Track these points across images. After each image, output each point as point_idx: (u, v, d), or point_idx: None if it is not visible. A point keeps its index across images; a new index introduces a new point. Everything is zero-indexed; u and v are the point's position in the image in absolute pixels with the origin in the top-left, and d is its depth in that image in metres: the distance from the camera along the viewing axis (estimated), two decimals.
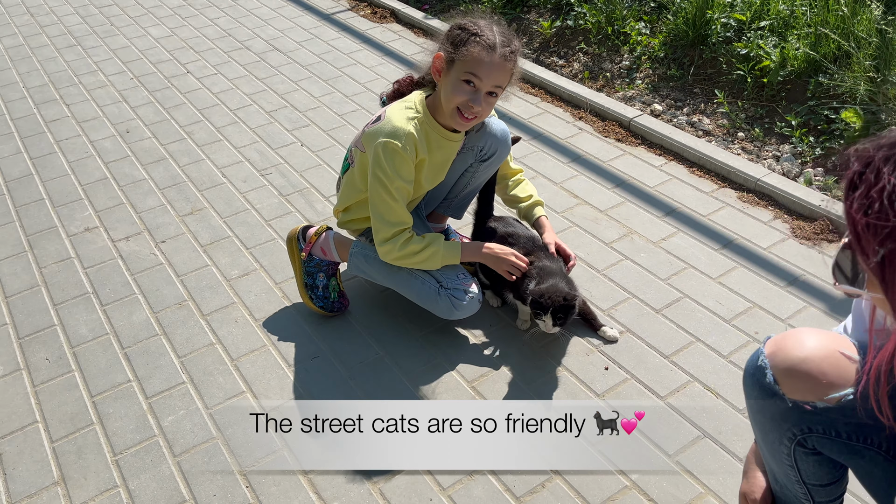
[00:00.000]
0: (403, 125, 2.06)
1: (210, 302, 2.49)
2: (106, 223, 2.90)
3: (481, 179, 2.39)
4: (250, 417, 2.08)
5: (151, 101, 3.78)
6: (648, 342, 2.23)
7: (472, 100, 2.03)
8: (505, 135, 2.30)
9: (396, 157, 2.05)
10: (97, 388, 2.20)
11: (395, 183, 2.07)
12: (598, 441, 1.94)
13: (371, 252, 2.30)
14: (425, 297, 2.22)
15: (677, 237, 2.64)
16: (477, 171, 2.34)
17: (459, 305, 2.19)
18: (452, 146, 2.21)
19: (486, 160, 2.30)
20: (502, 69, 2.03)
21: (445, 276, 2.21)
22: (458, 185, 2.40)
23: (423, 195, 2.36)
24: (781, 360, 1.24)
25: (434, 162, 2.20)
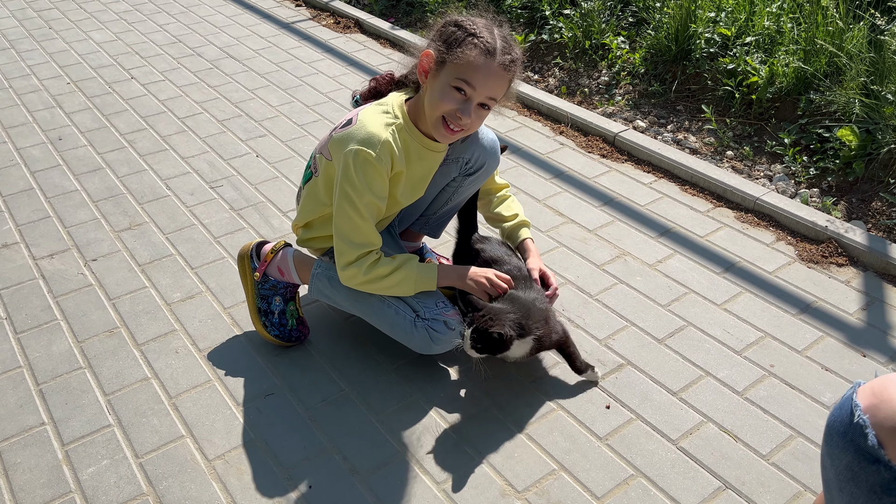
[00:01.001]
0: (379, 132, 1.77)
1: (146, 329, 2.14)
2: (28, 238, 2.52)
3: (465, 195, 2.11)
4: (189, 468, 1.73)
5: (89, 106, 3.42)
6: (652, 376, 1.97)
7: (462, 110, 1.74)
8: (494, 146, 2.03)
9: (368, 169, 1.75)
10: (4, 432, 1.82)
11: (365, 198, 1.77)
12: (606, 496, 1.66)
13: (336, 274, 1.99)
14: (399, 328, 1.91)
15: (674, 259, 2.40)
16: (461, 186, 2.05)
17: (438, 339, 1.89)
18: (435, 158, 1.92)
19: (472, 174, 2.03)
20: (499, 79, 1.74)
21: (422, 304, 1.91)
22: (438, 200, 2.11)
23: (397, 212, 2.07)
24: (888, 417, 0.96)
25: (413, 175, 1.91)
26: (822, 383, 1.94)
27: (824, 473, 1.11)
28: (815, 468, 1.71)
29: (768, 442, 1.78)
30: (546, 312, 1.87)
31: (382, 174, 1.78)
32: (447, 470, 1.73)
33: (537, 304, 1.86)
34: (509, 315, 1.77)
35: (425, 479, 1.71)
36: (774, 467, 1.72)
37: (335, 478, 1.71)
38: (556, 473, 1.71)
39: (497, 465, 1.74)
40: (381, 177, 1.78)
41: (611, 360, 2.02)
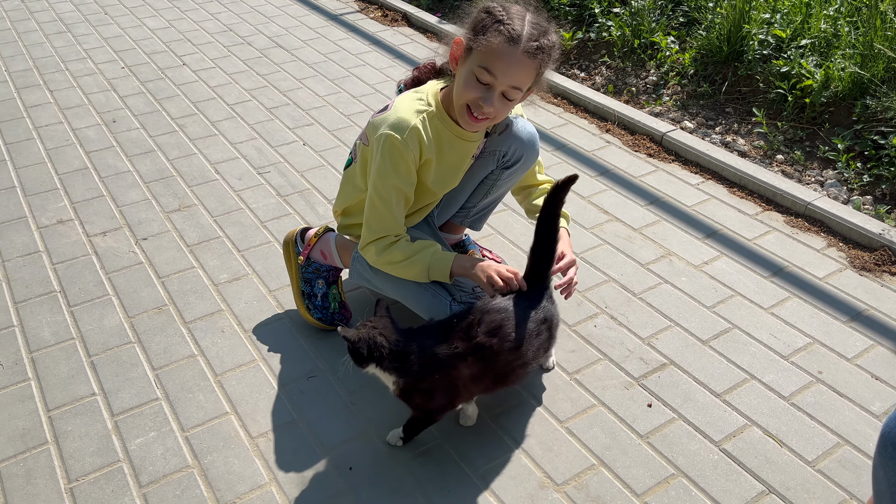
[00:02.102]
0: (409, 118, 1.77)
1: (194, 308, 2.18)
2: (82, 216, 2.59)
3: (504, 188, 2.10)
4: (233, 444, 1.76)
5: (142, 91, 3.49)
6: (696, 377, 1.95)
7: (484, 99, 1.71)
8: (532, 139, 2.00)
9: (394, 153, 1.76)
10: (55, 400, 1.88)
11: (389, 181, 1.78)
12: (646, 494, 1.65)
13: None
14: (435, 311, 1.92)
15: (721, 261, 2.37)
16: (499, 178, 2.05)
17: None
18: (467, 147, 1.92)
19: (510, 167, 2.02)
20: (523, 67, 1.68)
21: (459, 288, 1.92)
22: (478, 193, 2.11)
23: (435, 201, 2.07)
24: None
25: (445, 164, 1.91)
26: (872, 392, 1.90)
27: (876, 485, 1.09)
28: (861, 477, 1.68)
29: (814, 448, 1.75)
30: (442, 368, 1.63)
31: (408, 159, 1.78)
32: (485, 459, 1.73)
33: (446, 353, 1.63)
34: (383, 339, 1.60)
35: (464, 466, 1.71)
36: (820, 474, 1.69)
37: (375, 461, 1.72)
38: (596, 468, 1.71)
39: (536, 457, 1.73)
40: (407, 162, 1.79)
41: (653, 359, 2.00)
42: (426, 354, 1.62)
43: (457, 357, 1.62)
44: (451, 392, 1.67)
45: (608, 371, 1.97)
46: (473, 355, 1.62)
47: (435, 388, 1.65)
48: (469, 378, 1.65)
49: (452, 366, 1.62)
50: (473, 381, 1.66)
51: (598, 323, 2.13)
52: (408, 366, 1.61)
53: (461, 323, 1.66)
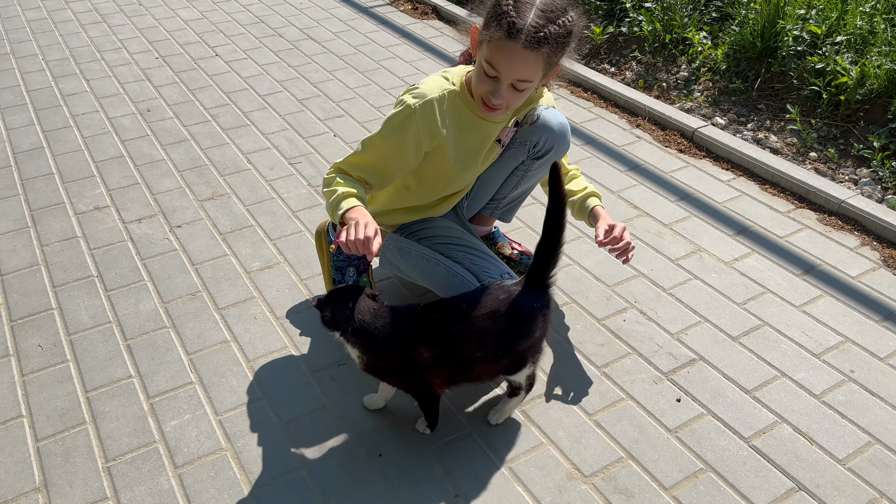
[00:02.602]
0: (429, 91, 1.78)
1: (227, 295, 2.22)
2: (118, 203, 2.64)
3: (534, 180, 2.11)
4: (265, 428, 1.80)
5: (176, 81, 3.54)
6: (725, 373, 1.94)
7: (492, 92, 1.71)
8: (563, 129, 1.99)
9: (398, 119, 1.76)
10: (93, 382, 1.92)
11: (377, 138, 1.77)
12: (674, 488, 1.65)
13: (405, 245, 2.02)
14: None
15: (752, 258, 2.35)
16: (529, 169, 2.05)
17: None
18: (490, 128, 1.90)
19: (541, 157, 2.02)
20: (526, 61, 1.63)
21: (486, 272, 1.93)
22: (508, 184, 2.12)
23: (461, 190, 2.08)
24: None
25: (466, 144, 1.90)
26: None
27: None
28: (892, 476, 1.67)
29: (845, 447, 1.74)
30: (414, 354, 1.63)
31: (409, 132, 1.76)
32: (513, 450, 1.74)
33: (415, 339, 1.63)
34: (369, 316, 1.62)
35: (492, 455, 1.73)
36: (850, 472, 1.68)
37: (404, 449, 1.75)
38: (624, 461, 1.71)
39: (564, 448, 1.75)
40: (405, 133, 1.76)
41: (683, 355, 2.00)
42: (387, 334, 1.63)
43: (413, 340, 1.63)
44: (415, 375, 1.67)
45: (637, 365, 1.97)
46: (431, 342, 1.62)
47: (397, 370, 1.67)
48: (432, 363, 1.64)
49: (411, 348, 1.63)
50: (437, 367, 1.65)
51: (628, 317, 2.13)
52: (370, 343, 1.63)
53: (438, 309, 1.66)
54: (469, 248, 2.00)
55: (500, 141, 1.99)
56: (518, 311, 1.63)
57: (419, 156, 1.85)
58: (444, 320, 1.64)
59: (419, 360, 1.64)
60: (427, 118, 1.78)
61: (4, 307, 2.16)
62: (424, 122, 1.78)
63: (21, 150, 2.95)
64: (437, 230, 2.06)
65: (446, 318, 1.64)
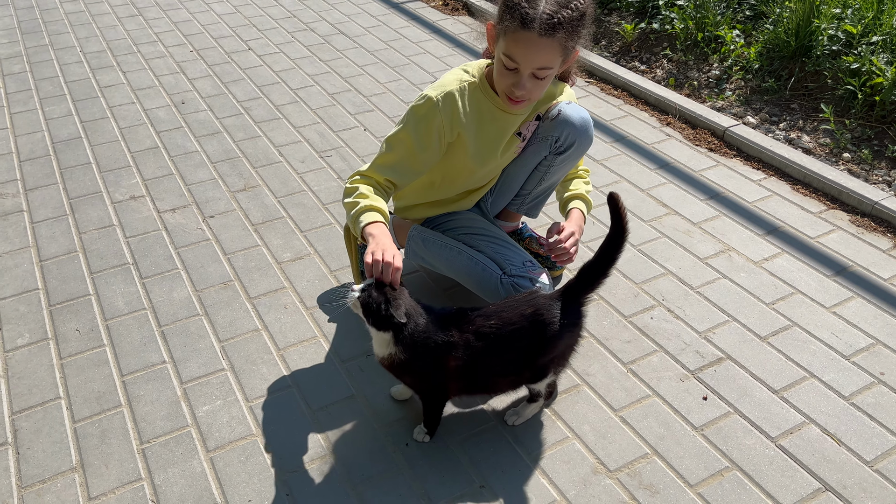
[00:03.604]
0: (449, 84, 1.84)
1: (258, 284, 2.26)
2: (153, 193, 2.70)
3: (559, 175, 2.11)
4: (295, 416, 1.83)
5: (210, 74, 3.60)
6: (753, 372, 1.94)
7: (514, 84, 1.74)
8: (585, 124, 1.98)
9: (421, 111, 1.82)
10: (129, 366, 1.97)
11: (402, 132, 1.84)
12: (699, 485, 1.66)
13: (430, 235, 2.05)
14: (486, 285, 1.95)
15: (782, 258, 2.34)
16: (552, 164, 2.05)
17: None
18: (509, 120, 1.93)
19: (563, 153, 2.02)
20: (543, 48, 1.66)
21: (510, 262, 1.95)
22: (532, 180, 2.13)
23: (483, 183, 2.09)
24: None
25: (485, 135, 1.92)
26: None
27: None
28: None
29: (873, 448, 1.73)
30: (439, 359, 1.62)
31: (434, 123, 1.82)
32: (539, 443, 1.76)
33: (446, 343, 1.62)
34: (418, 318, 1.61)
35: (518, 448, 1.74)
36: (878, 474, 1.67)
37: (431, 440, 1.77)
38: (649, 457, 1.72)
39: (590, 443, 1.76)
40: (430, 125, 1.82)
41: (710, 353, 2.00)
42: (427, 335, 1.61)
43: (449, 346, 1.61)
44: (438, 380, 1.66)
45: (664, 363, 1.97)
46: (463, 349, 1.61)
47: (422, 371, 1.65)
48: (457, 371, 1.63)
49: (445, 353, 1.61)
50: (461, 374, 1.64)
51: (655, 315, 2.13)
52: (411, 341, 1.60)
53: (471, 316, 1.65)
54: (491, 237, 2.03)
55: (521, 134, 2.00)
56: (548, 325, 1.63)
57: (443, 147, 1.88)
58: (477, 328, 1.62)
59: (447, 366, 1.63)
60: (449, 108, 1.83)
61: (44, 292, 2.22)
62: (447, 112, 1.83)
63: (60, 140, 3.03)
64: (459, 221, 2.09)
65: (480, 327, 1.62)
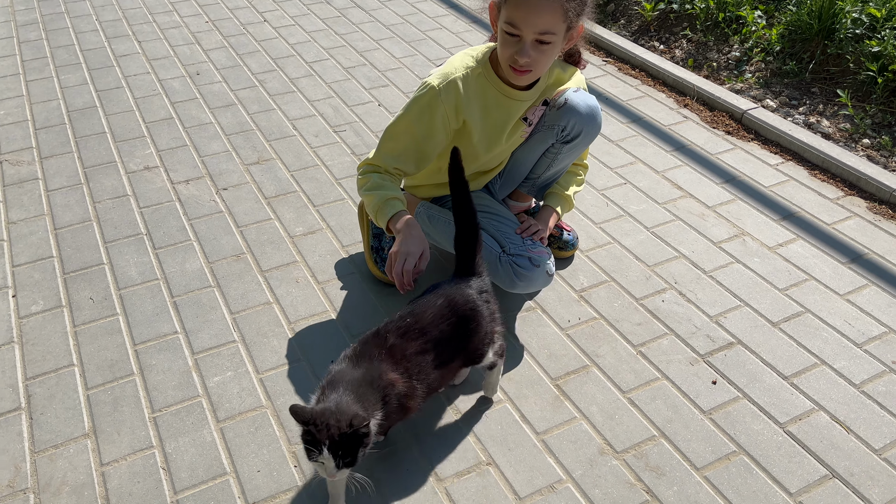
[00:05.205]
0: (452, 71, 1.85)
1: (270, 258, 2.27)
2: (167, 163, 2.70)
3: (567, 161, 2.09)
4: (305, 388, 1.85)
5: (225, 45, 3.58)
6: (764, 358, 1.93)
7: (518, 52, 1.73)
8: (592, 113, 1.95)
9: (425, 99, 1.84)
10: (141, 335, 1.99)
11: (405, 122, 1.87)
12: (706, 468, 1.66)
13: (435, 212, 2.07)
14: (486, 262, 1.95)
15: (797, 244, 2.32)
16: (560, 152, 2.03)
17: (522, 275, 1.92)
18: (514, 106, 1.92)
19: (570, 142, 2.00)
20: (543, 10, 1.67)
21: (509, 240, 1.95)
22: (540, 165, 2.11)
23: (491, 167, 2.08)
24: None
25: (490, 122, 1.92)
26: None
27: None
28: None
29: (882, 437, 1.72)
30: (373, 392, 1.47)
31: (437, 112, 1.84)
32: (546, 423, 1.77)
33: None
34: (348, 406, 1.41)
35: (525, 427, 1.75)
36: (886, 462, 1.67)
37: (437, 415, 1.78)
38: (656, 440, 1.72)
39: (597, 424, 1.76)
40: (433, 113, 1.84)
41: (720, 338, 1.99)
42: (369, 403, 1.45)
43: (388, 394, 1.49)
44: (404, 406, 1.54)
45: (674, 346, 1.97)
46: (400, 372, 1.52)
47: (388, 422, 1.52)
48: (406, 392, 1.53)
49: (391, 399, 1.49)
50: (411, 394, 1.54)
51: (666, 298, 2.12)
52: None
53: (388, 340, 1.54)
54: (494, 214, 2.05)
55: (528, 119, 1.98)
56: (462, 311, 1.61)
57: (448, 134, 1.89)
58: (405, 347, 1.53)
59: (402, 402, 1.52)
60: (451, 97, 1.84)
61: (58, 260, 2.24)
62: (449, 101, 1.84)
63: (75, 109, 3.03)
64: None
65: (408, 343, 1.54)
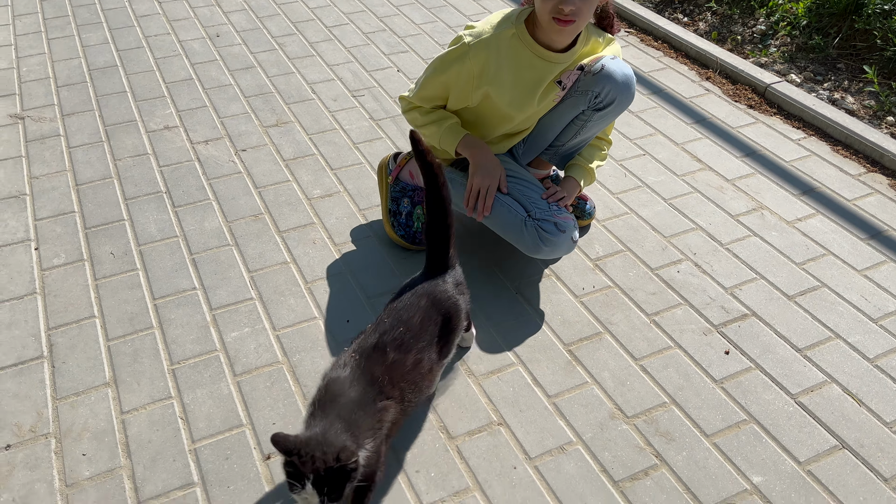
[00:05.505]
0: (484, 29, 1.87)
1: (288, 219, 2.28)
2: (186, 124, 2.71)
3: (594, 130, 2.08)
4: (321, 346, 1.87)
5: (245, 8, 3.57)
6: (778, 330, 1.93)
7: (561, 1, 1.72)
8: (628, 81, 1.94)
9: (455, 55, 1.87)
10: (160, 290, 2.02)
11: (436, 73, 1.91)
12: (716, 435, 1.68)
13: (457, 177, 2.06)
14: (510, 227, 1.96)
15: (816, 219, 2.31)
16: (589, 119, 2.02)
17: (547, 240, 1.92)
18: (547, 68, 1.90)
19: (602, 109, 1.98)
20: None
21: (535, 204, 1.95)
22: (566, 133, 2.10)
23: (520, 129, 2.06)
24: None
25: (522, 83, 1.91)
26: None
27: None
28: None
29: (893, 410, 1.73)
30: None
31: (463, 67, 1.86)
32: (558, 385, 1.78)
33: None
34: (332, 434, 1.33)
35: (536, 390, 1.77)
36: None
37: (452, 377, 1.80)
38: (667, 406, 1.74)
39: (609, 389, 1.78)
40: (459, 69, 1.87)
41: (735, 309, 1.99)
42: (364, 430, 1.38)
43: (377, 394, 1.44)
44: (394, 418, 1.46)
45: (687, 316, 1.97)
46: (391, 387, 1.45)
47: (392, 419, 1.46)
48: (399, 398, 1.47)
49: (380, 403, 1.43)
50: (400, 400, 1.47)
51: (682, 269, 2.12)
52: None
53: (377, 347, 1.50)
54: (520, 179, 2.03)
55: (562, 83, 1.97)
56: (446, 311, 1.59)
57: (475, 91, 1.91)
58: (395, 354, 1.49)
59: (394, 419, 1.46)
60: (480, 56, 1.84)
61: (79, 215, 2.27)
62: (478, 60, 1.84)
63: (96, 67, 3.04)
64: None
65: (397, 349, 1.50)
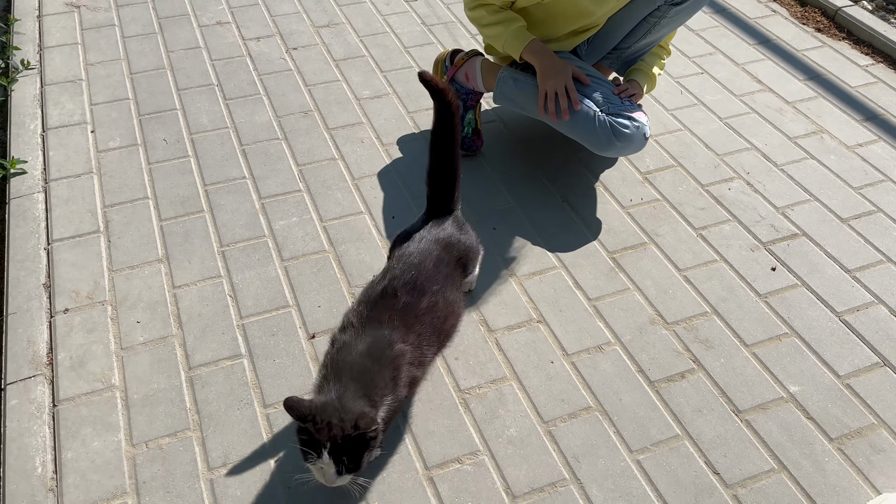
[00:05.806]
0: None
1: (337, 117, 2.28)
2: (238, 20, 2.70)
3: (665, 31, 2.00)
4: (367, 238, 1.90)
5: None
6: (827, 250, 1.90)
7: None
8: None
9: None
10: (211, 177, 2.05)
11: None
12: (756, 346, 1.67)
13: (521, 76, 2.00)
14: (581, 124, 1.89)
15: (877, 146, 2.23)
16: (664, 16, 1.94)
17: (622, 135, 1.86)
18: None
19: (679, 4, 1.90)
20: None
21: (609, 100, 1.89)
22: (636, 33, 2.02)
23: (595, 24, 1.99)
24: None
25: None
26: None
27: None
28: None
29: None
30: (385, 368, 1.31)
31: None
32: (600, 290, 1.79)
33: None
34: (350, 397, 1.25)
35: (577, 292, 1.78)
36: None
37: (492, 273, 1.82)
38: (708, 316, 1.74)
39: (650, 296, 1.78)
40: None
41: (785, 228, 1.96)
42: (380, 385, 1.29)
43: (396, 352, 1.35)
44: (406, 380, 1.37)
45: (735, 232, 1.95)
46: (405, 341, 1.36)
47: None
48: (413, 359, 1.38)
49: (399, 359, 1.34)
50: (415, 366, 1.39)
51: (733, 187, 2.08)
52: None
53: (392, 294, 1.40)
54: (589, 76, 1.95)
55: None
56: (457, 255, 1.55)
57: None
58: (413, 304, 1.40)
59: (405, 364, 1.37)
60: None
61: (133, 102, 2.30)
62: None
63: None
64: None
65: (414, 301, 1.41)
